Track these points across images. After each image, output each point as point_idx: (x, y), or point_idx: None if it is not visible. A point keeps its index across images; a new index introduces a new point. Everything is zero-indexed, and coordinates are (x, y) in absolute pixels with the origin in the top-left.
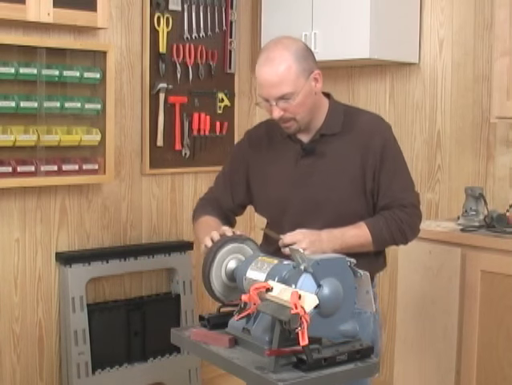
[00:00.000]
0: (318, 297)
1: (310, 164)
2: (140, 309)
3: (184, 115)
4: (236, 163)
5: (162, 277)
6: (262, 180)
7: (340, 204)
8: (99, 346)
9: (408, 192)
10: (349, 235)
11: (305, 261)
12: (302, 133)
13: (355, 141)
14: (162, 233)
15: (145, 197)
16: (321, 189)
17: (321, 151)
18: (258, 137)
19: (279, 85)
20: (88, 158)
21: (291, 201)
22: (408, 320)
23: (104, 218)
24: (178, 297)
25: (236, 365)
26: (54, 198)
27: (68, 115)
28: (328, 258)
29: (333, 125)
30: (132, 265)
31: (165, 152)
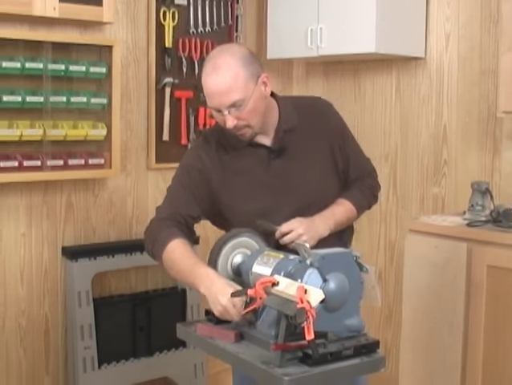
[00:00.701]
0: (324, 291)
1: (283, 164)
2: (146, 303)
3: (189, 109)
4: (194, 178)
5: None
6: (232, 195)
7: (321, 193)
8: (105, 341)
9: (365, 158)
10: (338, 213)
11: (311, 255)
12: (261, 137)
13: (315, 129)
14: None
15: (151, 192)
16: (302, 186)
17: (290, 151)
18: (213, 152)
19: (229, 93)
20: (94, 152)
21: (275, 207)
22: (413, 315)
23: (110, 213)
24: (184, 292)
25: (242, 359)
26: (61, 193)
27: (74, 110)
28: (334, 253)
29: (290, 119)
30: (138, 260)
31: (171, 147)
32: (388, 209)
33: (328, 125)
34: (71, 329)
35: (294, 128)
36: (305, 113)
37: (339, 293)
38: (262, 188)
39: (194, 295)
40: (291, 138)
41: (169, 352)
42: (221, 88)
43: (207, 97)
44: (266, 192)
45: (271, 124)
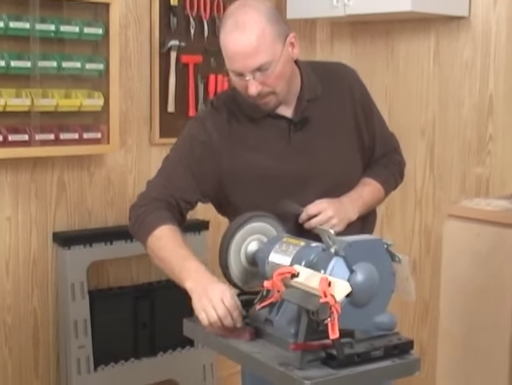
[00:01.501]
0: (350, 284)
1: (305, 138)
2: (149, 296)
3: (198, 76)
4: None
5: None
6: (244, 175)
7: (347, 171)
8: (102, 339)
9: (390, 132)
10: (366, 194)
11: (335, 243)
12: (281, 107)
13: (339, 99)
14: None
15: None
16: (327, 163)
17: (313, 124)
18: (223, 123)
19: (254, 54)
20: (89, 125)
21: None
22: (453, 311)
23: (108, 194)
24: None
25: (257, 360)
26: (51, 171)
27: (66, 77)
28: (362, 240)
29: (313, 87)
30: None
31: (177, 119)
32: (424, 192)
33: (353, 95)
34: (64, 326)
35: (318, 98)
36: (327, 81)
37: (368, 285)
38: (283, 165)
39: None
40: (314, 109)
41: (175, 352)
42: (245, 49)
43: (227, 59)
44: (287, 171)
45: (293, 93)
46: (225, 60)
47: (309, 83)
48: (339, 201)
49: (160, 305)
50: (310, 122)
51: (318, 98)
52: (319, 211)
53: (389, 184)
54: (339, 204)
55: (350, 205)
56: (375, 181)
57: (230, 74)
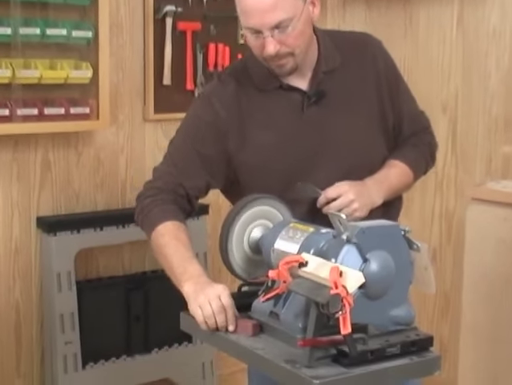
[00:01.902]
0: (363, 274)
1: (320, 113)
2: (143, 287)
3: (197, 45)
4: (203, 135)
5: None
6: (254, 153)
7: (367, 152)
8: (91, 334)
9: (420, 110)
10: (392, 177)
11: (347, 228)
12: (294, 78)
13: (361, 71)
14: None
15: (149, 149)
16: (344, 142)
17: (329, 94)
18: (231, 98)
19: (274, 9)
20: (77, 99)
21: (311, 168)
22: (476, 303)
23: (98, 175)
24: None
25: (261, 357)
26: (35, 150)
27: (51, 45)
28: (377, 226)
29: (332, 58)
30: (133, 234)
31: (174, 93)
32: (446, 173)
33: (376, 67)
34: (49, 320)
35: (336, 70)
36: (348, 51)
37: (383, 276)
38: (294, 143)
39: None
40: (332, 82)
41: (171, 348)
42: (263, 3)
43: (243, 15)
44: (299, 149)
45: (309, 63)
46: (240, 16)
47: (327, 53)
48: (362, 184)
49: (155, 297)
50: (327, 96)
51: (337, 70)
52: (339, 194)
53: (419, 167)
54: (361, 186)
55: (374, 189)
56: (403, 163)
57: (245, 32)
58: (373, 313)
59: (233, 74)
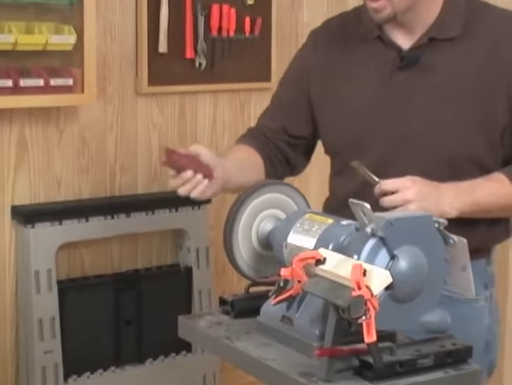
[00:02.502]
0: (391, 272)
1: (409, 82)
2: (135, 288)
3: (197, 7)
4: (294, 77)
5: (166, 242)
6: (331, 103)
7: (452, 145)
8: (75, 342)
9: None
10: (485, 190)
11: (373, 220)
12: (400, 33)
13: (483, 52)
14: (167, 180)
15: (142, 127)
16: (425, 120)
17: (428, 64)
18: (328, 39)
19: None
20: (58, 69)
21: (375, 139)
22: None
23: (83, 157)
24: (189, 272)
25: (272, 369)
26: (9, 127)
27: (27, 6)
28: (406, 217)
29: (450, 25)
30: (124, 226)
31: (171, 62)
32: None
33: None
34: (25, 325)
35: (450, 41)
36: (479, 24)
37: (414, 275)
38: (370, 105)
39: (203, 276)
40: (438, 51)
41: (167, 358)
42: None
43: None
44: (372, 113)
45: (422, 22)
46: None
47: (447, 19)
48: (434, 186)
49: (149, 299)
50: (429, 66)
51: (451, 41)
52: (397, 189)
53: None
54: (429, 188)
55: (448, 196)
56: (508, 180)
57: None
58: (402, 318)
59: (324, 30)
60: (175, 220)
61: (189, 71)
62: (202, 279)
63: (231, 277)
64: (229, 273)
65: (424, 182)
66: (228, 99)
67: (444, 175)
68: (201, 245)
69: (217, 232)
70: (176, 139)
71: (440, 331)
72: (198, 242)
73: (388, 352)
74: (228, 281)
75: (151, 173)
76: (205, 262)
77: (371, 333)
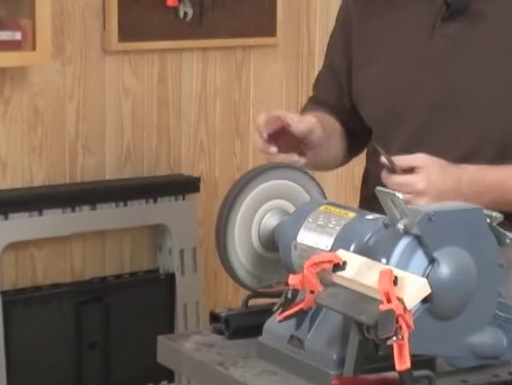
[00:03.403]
0: (429, 281)
1: (455, 36)
2: (101, 301)
3: None
4: (340, 39)
5: (142, 242)
6: (367, 60)
7: (507, 118)
8: (24, 371)
9: None
10: None
11: (406, 213)
12: None
13: None
14: (142, 162)
15: (111, 95)
16: (474, 84)
17: (479, 13)
18: None
19: None
20: (2, 20)
21: (413, 106)
22: None
23: (34, 134)
24: (171, 280)
25: None
26: None
27: None
28: (450, 210)
29: None
30: (87, 221)
31: (148, 11)
32: None
33: None
34: None
35: None
36: None
37: (459, 284)
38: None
39: (190, 285)
40: (494, 4)
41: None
42: None
43: None
44: (412, 72)
45: None
46: None
47: None
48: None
49: (120, 315)
50: (474, 15)
51: None
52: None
53: None
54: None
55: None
56: None
57: None
58: (443, 339)
59: None
60: (153, 214)
61: (172, 23)
62: (188, 289)
63: (225, 287)
64: (222, 282)
65: (444, 167)
66: (221, 58)
67: (489, 156)
68: (187, 245)
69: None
70: (155, 109)
71: (492, 357)
72: (183, 242)
73: (425, 383)
74: (221, 291)
75: (122, 154)
76: (191, 267)
77: (404, 358)
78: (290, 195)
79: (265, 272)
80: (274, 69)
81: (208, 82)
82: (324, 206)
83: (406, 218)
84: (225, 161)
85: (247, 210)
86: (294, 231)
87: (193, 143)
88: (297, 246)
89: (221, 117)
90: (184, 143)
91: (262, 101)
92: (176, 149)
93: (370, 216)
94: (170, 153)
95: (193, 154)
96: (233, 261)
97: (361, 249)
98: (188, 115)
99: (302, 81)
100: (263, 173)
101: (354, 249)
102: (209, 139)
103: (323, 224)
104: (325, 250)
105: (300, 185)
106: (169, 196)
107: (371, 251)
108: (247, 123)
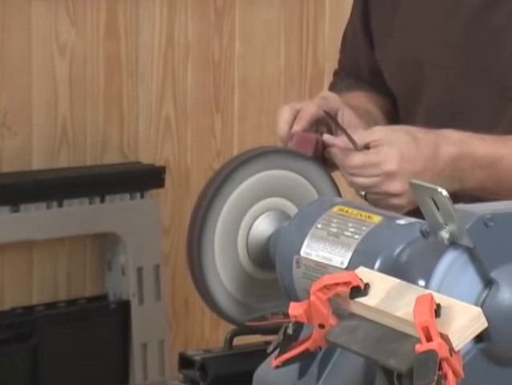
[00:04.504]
0: (485, 311)
1: None
2: (28, 339)
3: None
4: None
5: (84, 257)
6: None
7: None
8: None
9: None
10: None
11: (453, 216)
12: None
13: None
14: (85, 146)
15: (40, 51)
16: None
17: None
18: None
19: None
20: None
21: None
22: None
23: None
24: (125, 309)
25: None
26: None
27: None
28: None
29: None
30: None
31: None
32: None
33: None
34: None
35: None
36: None
37: None
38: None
39: (151, 315)
40: None
41: None
42: None
43: None
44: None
45: None
46: None
47: None
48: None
49: (53, 359)
50: None
51: None
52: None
53: None
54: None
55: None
56: None
57: None
58: None
59: None
60: (99, 219)
61: None
62: (148, 322)
63: (200, 319)
64: (196, 312)
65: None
66: (194, 3)
67: None
68: (147, 261)
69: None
70: (102, 73)
71: None
72: (141, 257)
73: None
74: (195, 325)
75: (56, 134)
76: (153, 293)
77: None
78: (292, 191)
79: (255, 298)
80: (268, 16)
81: (176, 35)
82: (339, 207)
83: (453, 223)
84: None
85: (231, 213)
86: (296, 241)
87: (156, 119)
88: (301, 262)
89: (194, 84)
90: (143, 120)
91: (252, 61)
92: (131, 128)
93: (402, 220)
94: (123, 133)
95: (155, 134)
96: (211, 283)
97: (390, 266)
98: (148, 80)
99: (308, 33)
100: (254, 161)
101: (380, 266)
102: (177, 115)
103: (336, 231)
104: (340, 268)
105: (306, 178)
106: (122, 194)
107: (403, 269)
108: (230, 92)
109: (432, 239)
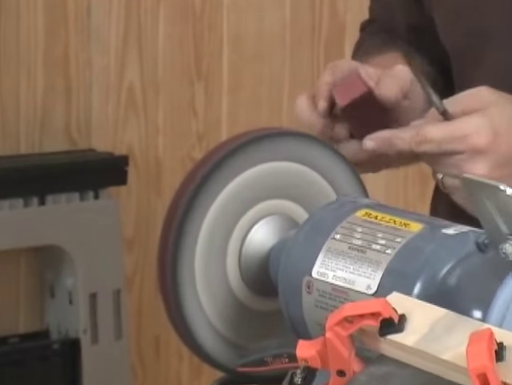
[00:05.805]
0: None
1: None
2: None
3: None
4: None
5: (17, 279)
6: None
7: None
8: None
9: None
10: None
11: None
12: None
13: None
14: (18, 130)
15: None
16: None
17: None
18: None
19: None
20: None
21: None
22: None
23: None
24: (72, 351)
25: None
26: None
27: None
28: None
29: None
30: None
31: None
32: None
33: None
34: None
35: None
36: None
37: None
38: None
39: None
40: None
41: None
42: None
43: None
44: None
45: None
46: None
47: None
48: None
49: None
50: None
51: None
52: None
53: None
54: None
55: None
56: None
57: None
58: None
59: None
60: (38, 227)
61: None
62: (105, 368)
63: (176, 364)
64: (170, 354)
65: None
66: None
67: None
68: (103, 285)
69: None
70: (41, 26)
71: None
72: (96, 279)
73: None
74: (168, 372)
75: None
76: (111, 327)
77: None
78: (301, 190)
79: (251, 336)
80: None
81: None
82: (365, 211)
83: None
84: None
85: (218, 220)
86: (306, 258)
87: (115, 91)
88: (312, 287)
89: (167, 42)
90: (98, 92)
91: (246, 11)
92: (81, 103)
93: (450, 229)
94: (70, 111)
95: (114, 112)
96: (191, 315)
97: (434, 291)
98: (104, 37)
99: None
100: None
101: (420, 290)
102: (144, 85)
103: (361, 244)
104: (366, 294)
105: (318, 172)
106: (69, 193)
107: (452, 295)
108: (217, 53)
109: (491, 254)
